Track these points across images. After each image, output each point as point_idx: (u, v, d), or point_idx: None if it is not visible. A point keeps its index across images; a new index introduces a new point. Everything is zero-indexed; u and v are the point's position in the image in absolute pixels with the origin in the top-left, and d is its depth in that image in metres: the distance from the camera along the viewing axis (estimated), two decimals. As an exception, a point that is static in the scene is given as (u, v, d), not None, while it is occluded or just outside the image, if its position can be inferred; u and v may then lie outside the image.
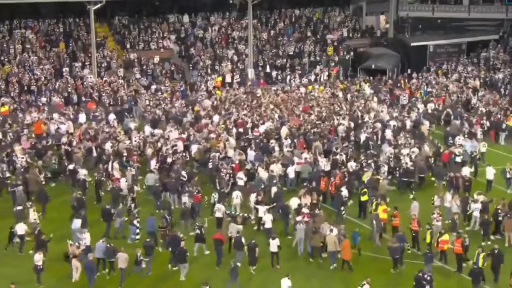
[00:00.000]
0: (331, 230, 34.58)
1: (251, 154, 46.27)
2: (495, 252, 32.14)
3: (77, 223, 35.94)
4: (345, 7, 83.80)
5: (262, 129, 52.05)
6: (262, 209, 37.72)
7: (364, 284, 29.71)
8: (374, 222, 36.70)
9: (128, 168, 43.88)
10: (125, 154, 46.23)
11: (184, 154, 46.85)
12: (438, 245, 34.13)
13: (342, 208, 39.34)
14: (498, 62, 70.13)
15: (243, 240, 34.40)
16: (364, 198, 39.86)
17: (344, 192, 39.95)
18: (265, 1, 72.31)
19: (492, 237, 36.79)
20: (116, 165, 43.98)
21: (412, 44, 76.59)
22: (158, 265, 34.16)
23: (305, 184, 41.81)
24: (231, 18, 77.83)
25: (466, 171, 43.80)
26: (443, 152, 47.18)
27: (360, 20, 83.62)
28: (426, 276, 30.69)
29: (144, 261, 33.20)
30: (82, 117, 55.82)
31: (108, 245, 33.37)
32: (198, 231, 35.34)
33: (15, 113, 56.91)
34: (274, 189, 40.77)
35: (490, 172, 43.94)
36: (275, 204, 38.90)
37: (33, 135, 51.62)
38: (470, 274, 31.94)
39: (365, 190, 40.24)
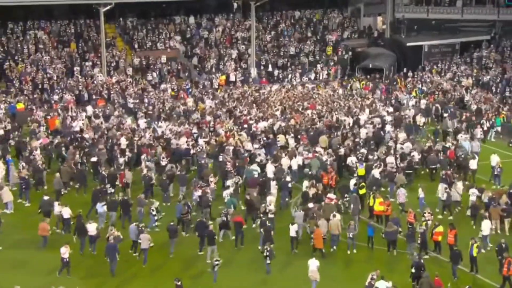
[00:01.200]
0: (334, 216, 35.21)
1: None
2: (502, 246, 31.75)
3: (103, 207, 37.29)
4: (343, 9, 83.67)
5: (262, 125, 52.23)
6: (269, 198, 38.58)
7: (374, 275, 29.57)
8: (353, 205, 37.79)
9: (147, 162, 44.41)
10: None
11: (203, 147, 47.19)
12: (433, 236, 34.22)
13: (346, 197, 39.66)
14: (490, 62, 70.01)
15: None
16: (362, 191, 39.92)
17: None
18: (267, 3, 72.13)
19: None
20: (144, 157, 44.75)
21: (407, 44, 76.55)
22: (183, 249, 35.06)
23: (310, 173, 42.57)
24: (235, 20, 77.76)
25: (474, 164, 44.15)
26: (450, 149, 46.92)
27: (358, 21, 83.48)
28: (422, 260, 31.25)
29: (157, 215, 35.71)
30: (89, 109, 56.21)
31: (140, 228, 34.38)
32: (224, 218, 35.89)
33: (31, 110, 56.96)
34: (288, 178, 41.45)
35: (494, 160, 44.69)
36: None
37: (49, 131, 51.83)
38: (451, 256, 32.48)
39: (363, 184, 40.34)
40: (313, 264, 31.34)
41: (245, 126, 51.81)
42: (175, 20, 75.49)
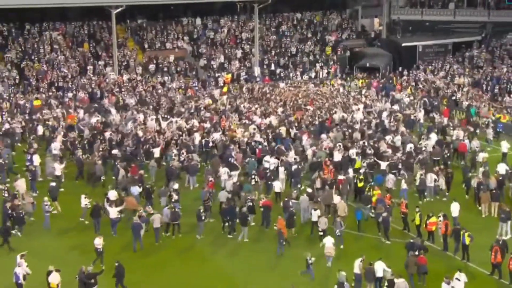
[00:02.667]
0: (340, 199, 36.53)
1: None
2: (499, 243, 31.13)
3: (136, 190, 38.37)
4: (342, 11, 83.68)
5: (266, 121, 52.42)
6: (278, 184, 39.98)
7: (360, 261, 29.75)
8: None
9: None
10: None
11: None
12: (427, 226, 34.22)
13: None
14: (480, 61, 69.93)
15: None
16: (360, 184, 39.88)
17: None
18: (270, 5, 72.02)
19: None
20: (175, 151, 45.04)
21: (403, 44, 76.37)
22: (208, 231, 35.82)
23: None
24: (239, 21, 77.70)
25: (482, 156, 44.29)
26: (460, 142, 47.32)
27: (356, 22, 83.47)
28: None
29: (205, 216, 35.57)
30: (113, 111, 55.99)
31: (173, 210, 35.26)
32: (250, 204, 36.31)
33: (47, 107, 57.04)
34: (294, 167, 42.00)
35: (504, 146, 46.18)
36: None
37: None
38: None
39: (362, 177, 40.29)
40: (329, 241, 32.25)
41: (249, 121, 52.14)
42: (183, 22, 75.48)
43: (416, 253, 30.86)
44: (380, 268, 29.64)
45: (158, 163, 43.83)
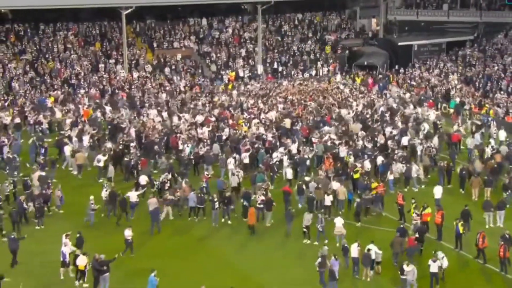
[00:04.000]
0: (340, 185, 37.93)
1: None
2: (506, 237, 31.04)
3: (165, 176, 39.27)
4: (341, 11, 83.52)
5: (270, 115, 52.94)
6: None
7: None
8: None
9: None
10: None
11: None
12: (422, 217, 34.21)
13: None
14: (473, 59, 69.85)
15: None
16: (356, 176, 40.05)
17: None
18: (272, 6, 72.01)
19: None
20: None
21: (399, 43, 76.45)
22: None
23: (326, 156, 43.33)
24: (243, 21, 77.63)
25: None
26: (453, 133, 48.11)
27: (354, 23, 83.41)
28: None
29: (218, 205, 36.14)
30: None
31: (200, 195, 36.44)
32: (264, 192, 37.06)
33: (62, 103, 57.19)
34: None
35: (502, 135, 47.54)
36: None
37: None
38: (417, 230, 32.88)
39: (358, 169, 40.36)
40: (339, 221, 33.52)
41: (253, 116, 52.55)
42: (189, 22, 75.39)
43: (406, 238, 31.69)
44: (372, 250, 30.09)
45: (177, 154, 44.48)
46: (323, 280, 28.98)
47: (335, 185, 38.04)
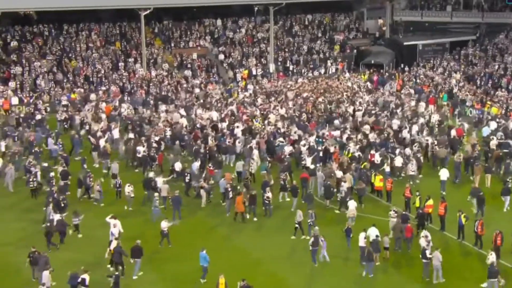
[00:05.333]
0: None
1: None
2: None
3: (196, 165, 40.28)
4: (349, 12, 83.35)
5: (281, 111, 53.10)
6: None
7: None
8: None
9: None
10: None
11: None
12: (424, 208, 34.22)
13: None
14: (475, 59, 69.64)
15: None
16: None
17: None
18: (284, 8, 72.04)
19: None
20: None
21: (404, 43, 76.41)
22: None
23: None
24: (256, 22, 77.65)
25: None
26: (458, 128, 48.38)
27: (362, 23, 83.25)
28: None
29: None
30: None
31: (229, 183, 36.70)
32: (282, 183, 37.84)
33: (84, 99, 57.57)
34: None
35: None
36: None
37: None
38: (417, 216, 33.57)
39: (365, 163, 40.45)
40: (352, 204, 34.56)
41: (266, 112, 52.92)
42: (205, 22, 75.48)
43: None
44: (373, 233, 30.27)
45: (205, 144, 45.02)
46: (314, 258, 30.21)
47: (338, 173, 38.65)
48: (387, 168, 40.28)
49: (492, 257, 27.93)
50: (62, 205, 34.42)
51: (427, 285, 28.56)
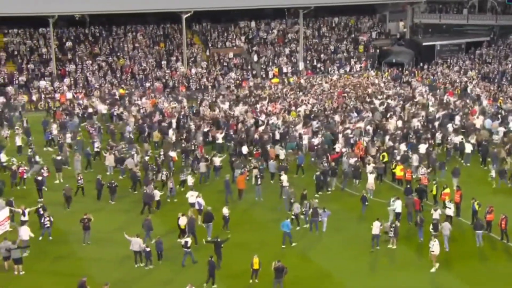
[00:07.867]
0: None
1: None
2: None
3: (217, 161, 39.87)
4: (373, 15, 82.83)
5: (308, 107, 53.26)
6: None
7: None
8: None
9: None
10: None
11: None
12: (441, 196, 34.14)
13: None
14: (489, 58, 69.01)
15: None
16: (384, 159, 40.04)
17: None
18: (312, 11, 71.90)
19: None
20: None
21: (423, 43, 75.92)
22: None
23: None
24: (287, 24, 77.62)
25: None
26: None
27: (384, 25, 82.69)
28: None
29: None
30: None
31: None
32: (323, 168, 38.13)
33: (130, 94, 58.14)
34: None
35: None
36: None
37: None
38: (416, 190, 34.24)
39: (384, 154, 40.26)
40: (371, 177, 36.25)
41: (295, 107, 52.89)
42: (240, 24, 75.64)
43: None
44: (376, 227, 29.99)
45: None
46: (311, 227, 31.75)
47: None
48: (415, 162, 39.16)
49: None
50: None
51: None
